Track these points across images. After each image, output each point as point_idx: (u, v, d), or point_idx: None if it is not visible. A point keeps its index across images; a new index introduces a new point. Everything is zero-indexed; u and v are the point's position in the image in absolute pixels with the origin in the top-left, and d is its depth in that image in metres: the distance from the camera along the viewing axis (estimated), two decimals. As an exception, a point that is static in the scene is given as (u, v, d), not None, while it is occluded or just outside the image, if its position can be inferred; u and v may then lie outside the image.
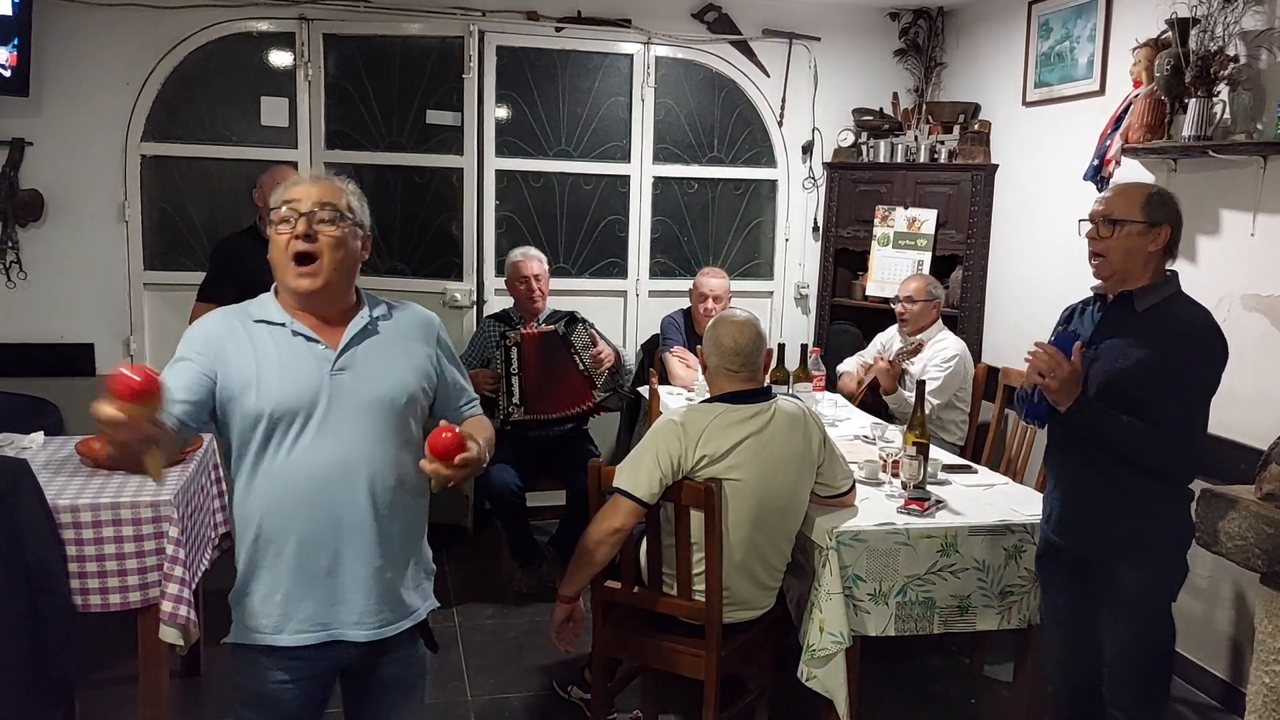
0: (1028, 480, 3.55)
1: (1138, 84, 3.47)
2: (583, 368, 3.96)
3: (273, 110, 4.45)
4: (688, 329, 4.47)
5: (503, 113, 4.65)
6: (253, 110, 4.43)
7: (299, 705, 1.79)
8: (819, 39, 4.90)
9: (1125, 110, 3.48)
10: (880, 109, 4.95)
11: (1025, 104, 4.35)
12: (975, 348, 4.49)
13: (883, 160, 4.78)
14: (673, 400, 3.89)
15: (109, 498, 2.47)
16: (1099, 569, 2.29)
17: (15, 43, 3.93)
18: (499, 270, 4.53)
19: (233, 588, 1.81)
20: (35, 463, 2.61)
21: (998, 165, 4.54)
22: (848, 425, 3.74)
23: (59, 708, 2.60)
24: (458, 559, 4.26)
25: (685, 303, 4.56)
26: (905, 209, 4.66)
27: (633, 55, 4.71)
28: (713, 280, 4.37)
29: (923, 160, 4.68)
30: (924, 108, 4.88)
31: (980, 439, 4.04)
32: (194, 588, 2.55)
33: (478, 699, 3.16)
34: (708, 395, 2.66)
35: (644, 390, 4.26)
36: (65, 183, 4.23)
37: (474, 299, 4.60)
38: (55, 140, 4.20)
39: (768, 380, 2.79)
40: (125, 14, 4.21)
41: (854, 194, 4.86)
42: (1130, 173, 3.49)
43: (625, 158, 4.79)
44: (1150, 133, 3.35)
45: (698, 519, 2.49)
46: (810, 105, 4.94)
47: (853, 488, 2.73)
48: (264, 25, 4.38)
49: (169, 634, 2.48)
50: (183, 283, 4.25)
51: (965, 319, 4.57)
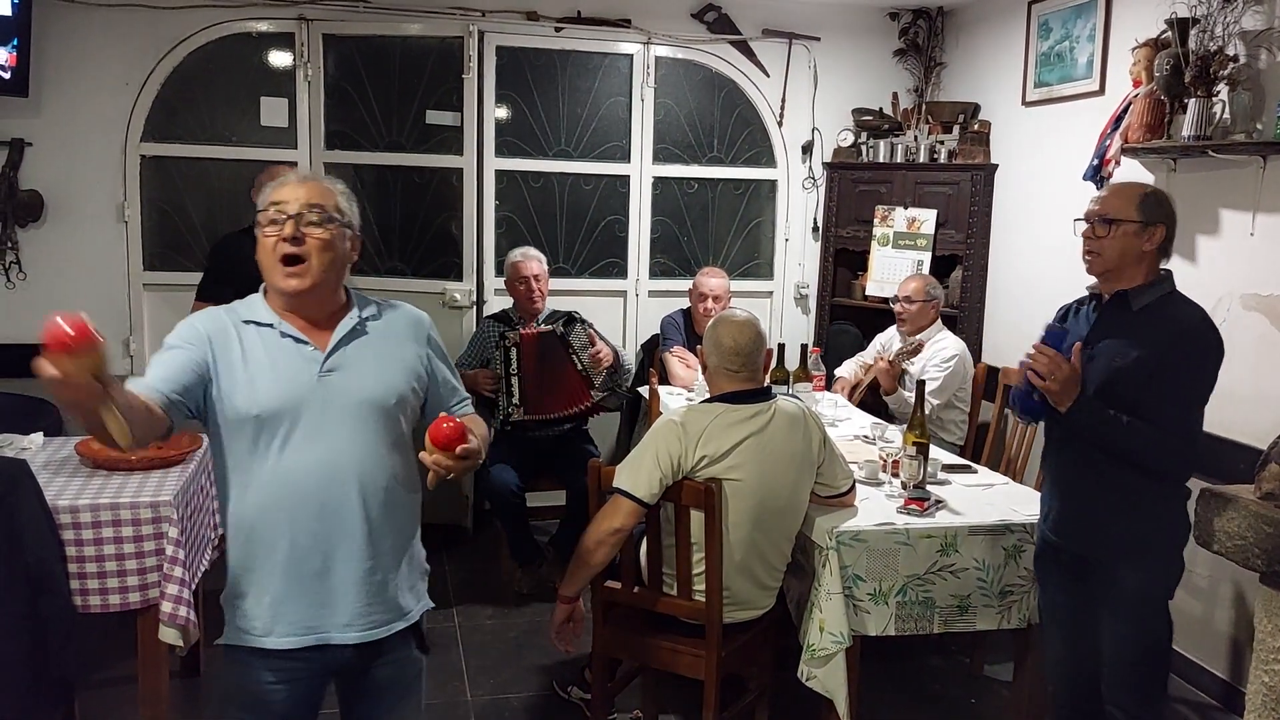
0: (1027, 480, 3.55)
1: (1137, 84, 3.48)
2: (580, 368, 3.95)
3: (272, 110, 4.45)
4: (688, 329, 4.46)
5: (502, 113, 4.65)
6: (252, 110, 4.43)
7: (291, 707, 1.78)
8: (819, 39, 4.90)
9: (1125, 110, 3.48)
10: (880, 109, 4.95)
11: (1025, 104, 4.35)
12: (975, 348, 4.49)
13: (882, 160, 4.78)
14: (673, 400, 3.89)
15: (109, 498, 2.47)
16: (1098, 568, 2.29)
17: (15, 43, 3.93)
18: (499, 270, 4.52)
19: (224, 589, 1.80)
20: (35, 463, 2.61)
21: (997, 165, 4.54)
22: (848, 425, 3.74)
23: (59, 708, 2.60)
24: (458, 559, 4.24)
25: (685, 303, 4.56)
26: (905, 209, 4.66)
27: (632, 55, 4.71)
28: (712, 280, 4.37)
29: (922, 160, 4.68)
30: (924, 108, 4.88)
31: (980, 439, 4.04)
32: (194, 588, 2.55)
33: (478, 699, 3.16)
34: (708, 395, 2.66)
35: (644, 390, 4.26)
36: (65, 183, 4.23)
37: (474, 299, 4.60)
38: (55, 141, 4.20)
39: (768, 380, 2.80)
40: (125, 14, 4.21)
41: (854, 194, 4.86)
42: (1130, 173, 3.50)
43: (625, 158, 4.79)
44: (1150, 133, 3.36)
45: (698, 519, 2.49)
46: (810, 105, 4.94)
47: (853, 488, 2.73)
48: (263, 25, 4.38)
49: (169, 634, 2.48)
50: (182, 283, 4.25)
51: (965, 319, 4.57)
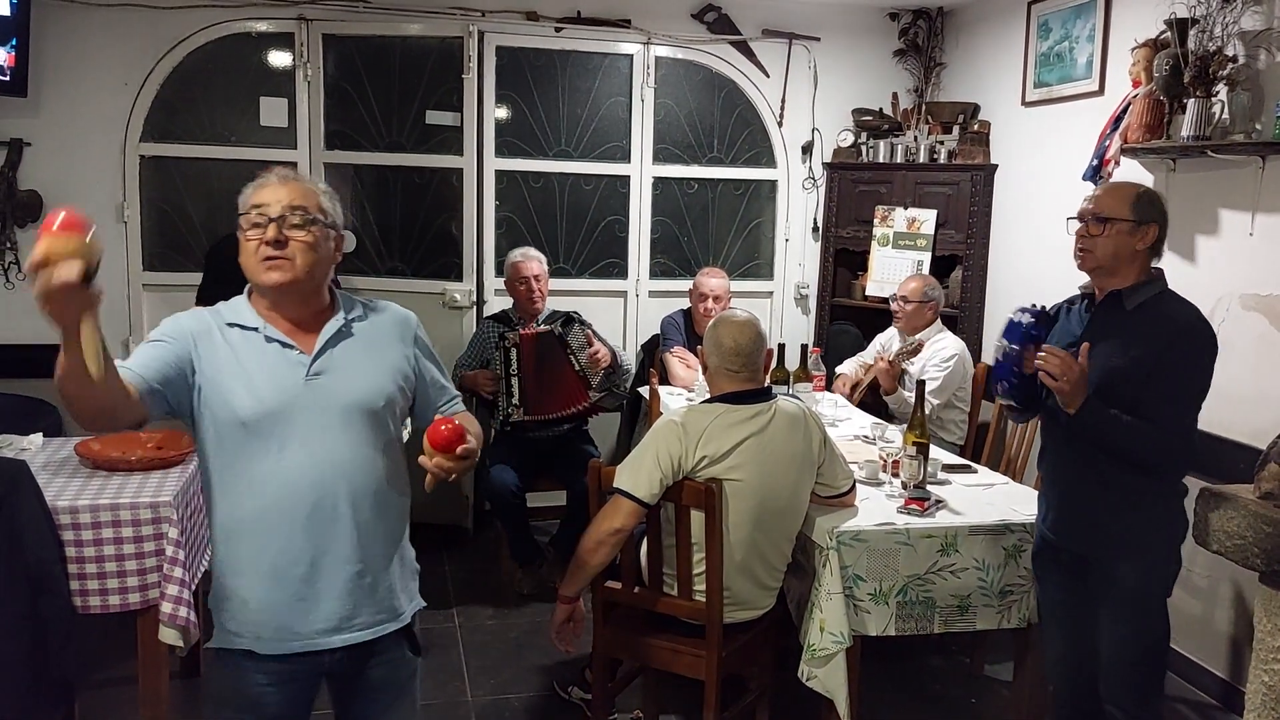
0: (1027, 480, 3.54)
1: (1137, 84, 3.48)
2: (578, 368, 3.95)
3: (272, 110, 4.44)
4: (688, 329, 4.46)
5: (502, 113, 4.65)
6: (252, 111, 4.43)
7: (283, 708, 1.77)
8: (819, 39, 4.90)
9: (1124, 110, 3.49)
10: (880, 109, 4.95)
11: (1024, 104, 4.35)
12: (975, 348, 4.49)
13: (882, 160, 4.78)
14: (673, 400, 3.88)
15: (108, 499, 2.47)
16: (1097, 567, 2.29)
17: (14, 43, 3.92)
18: (499, 271, 4.52)
19: (210, 592, 1.78)
20: (34, 464, 2.61)
21: (997, 165, 4.54)
22: (848, 425, 3.74)
23: (59, 708, 2.59)
24: (458, 559, 4.23)
25: (685, 303, 4.56)
26: (905, 209, 4.66)
27: (632, 55, 4.71)
28: (713, 280, 4.37)
29: (922, 160, 4.68)
30: (923, 108, 4.88)
31: (980, 439, 4.04)
32: (194, 589, 2.55)
33: (478, 699, 3.16)
34: (708, 395, 2.66)
35: (644, 391, 4.26)
36: (64, 183, 4.21)
37: (474, 299, 4.59)
38: (54, 141, 4.20)
39: (768, 380, 2.79)
40: (124, 14, 4.21)
41: (854, 194, 4.86)
42: (1130, 173, 3.50)
43: (625, 158, 4.79)
44: (1149, 133, 3.36)
45: (698, 519, 2.49)
46: (810, 105, 4.94)
47: (853, 488, 2.73)
48: (263, 25, 4.38)
49: (169, 635, 2.48)
50: (182, 283, 4.25)
51: (965, 319, 4.57)
